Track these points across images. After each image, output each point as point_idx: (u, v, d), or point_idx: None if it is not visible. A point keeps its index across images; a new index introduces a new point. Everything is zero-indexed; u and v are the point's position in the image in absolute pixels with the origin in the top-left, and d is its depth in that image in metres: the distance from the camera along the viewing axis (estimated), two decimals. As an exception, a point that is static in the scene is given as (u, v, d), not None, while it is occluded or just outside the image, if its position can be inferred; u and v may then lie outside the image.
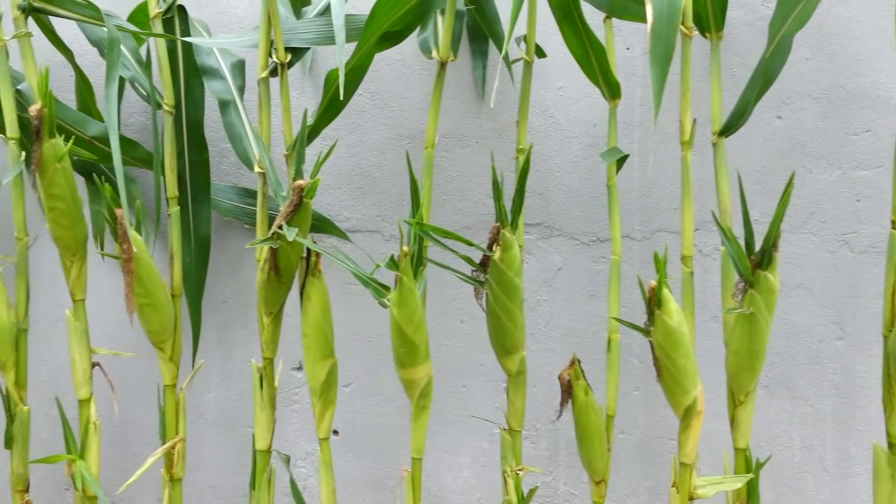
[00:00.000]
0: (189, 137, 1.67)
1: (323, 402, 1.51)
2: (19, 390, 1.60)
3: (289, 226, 1.35)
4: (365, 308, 1.80)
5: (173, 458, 1.64)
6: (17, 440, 1.61)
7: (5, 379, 1.59)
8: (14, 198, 1.59)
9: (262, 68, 1.49)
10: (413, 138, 1.80)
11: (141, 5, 1.75)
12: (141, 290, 1.51)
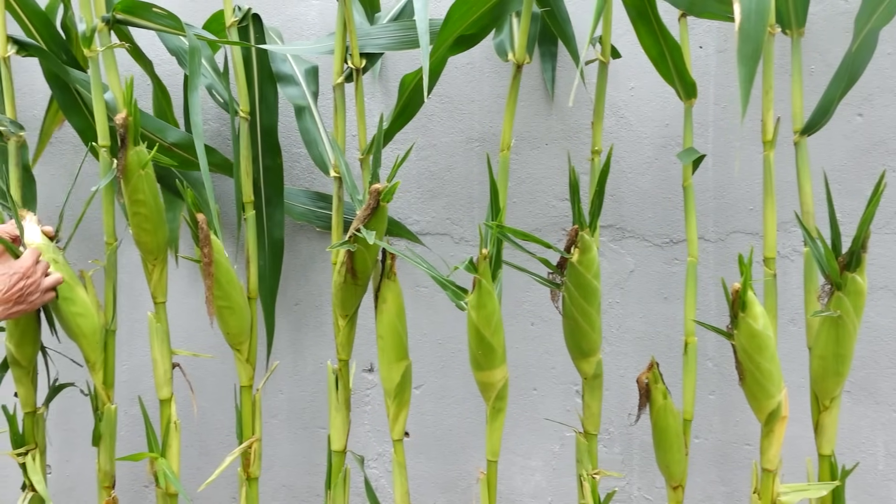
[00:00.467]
0: (263, 143, 1.70)
1: (397, 404, 1.52)
2: (107, 390, 1.65)
3: (366, 229, 1.36)
4: (434, 310, 1.81)
5: (250, 457, 1.67)
6: (105, 438, 1.66)
7: (94, 379, 1.64)
8: (105, 204, 1.63)
9: (337, 74, 1.51)
10: (483, 141, 1.81)
11: (215, 14, 1.78)
12: (220, 293, 1.54)
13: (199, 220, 1.49)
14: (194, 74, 1.50)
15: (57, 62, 1.77)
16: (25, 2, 1.79)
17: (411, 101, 1.50)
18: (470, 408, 1.81)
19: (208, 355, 1.69)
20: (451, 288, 1.33)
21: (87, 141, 1.87)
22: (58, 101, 1.85)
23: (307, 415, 1.89)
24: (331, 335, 1.88)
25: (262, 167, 1.71)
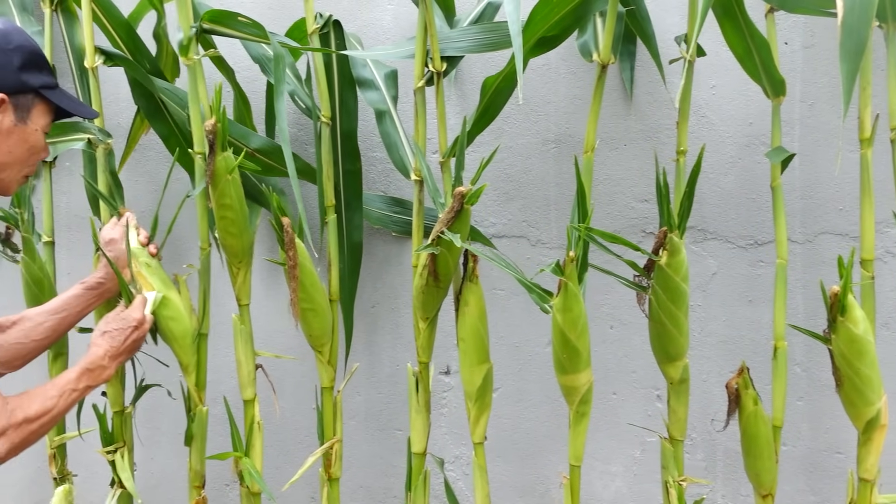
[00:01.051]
0: (343, 147, 1.72)
1: (478, 407, 1.52)
2: (199, 392, 1.68)
3: (450, 231, 1.36)
4: (510, 313, 1.80)
5: (331, 458, 1.69)
6: (196, 438, 1.69)
7: (187, 381, 1.67)
8: (199, 209, 1.67)
9: (418, 78, 1.52)
10: (559, 143, 1.79)
11: (297, 23, 1.81)
12: (304, 296, 1.56)
13: (285, 223, 1.51)
14: (279, 81, 1.53)
15: (141, 71, 1.82)
16: (111, 12, 1.85)
17: (492, 104, 1.49)
18: (547, 411, 1.79)
19: (290, 357, 1.72)
20: (536, 291, 1.33)
21: (171, 147, 1.92)
22: (142, 109, 1.91)
23: (384, 417, 1.90)
24: (407, 337, 1.89)
25: (342, 171, 1.73)
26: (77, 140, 1.83)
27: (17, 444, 1.19)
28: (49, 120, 1.33)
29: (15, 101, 1.24)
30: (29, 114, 1.27)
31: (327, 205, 1.68)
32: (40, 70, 1.29)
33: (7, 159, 1.26)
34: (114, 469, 1.79)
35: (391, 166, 1.90)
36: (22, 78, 1.24)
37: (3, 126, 1.23)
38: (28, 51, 1.26)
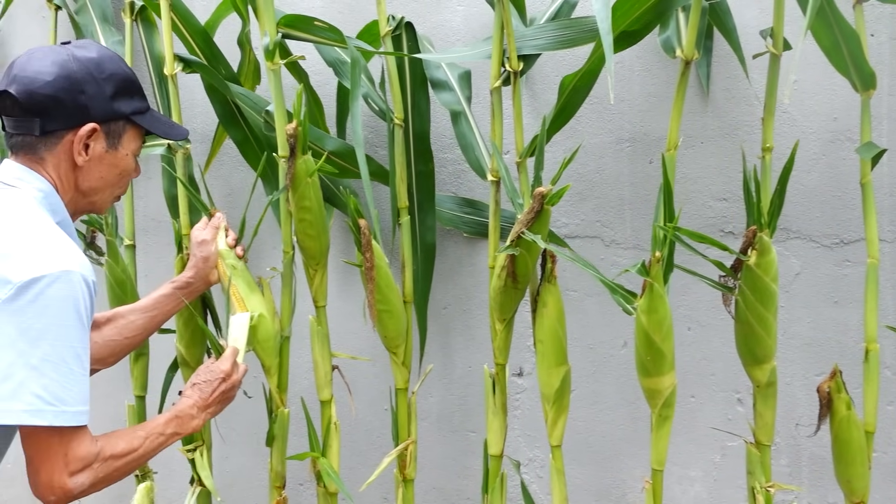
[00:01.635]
0: (415, 149, 1.72)
1: (556, 409, 1.50)
2: (281, 394, 1.70)
3: (530, 232, 1.35)
4: (584, 314, 1.78)
5: (406, 459, 1.69)
6: (278, 440, 1.71)
7: (269, 383, 1.69)
8: (282, 213, 1.68)
9: (494, 77, 1.51)
10: (633, 141, 1.77)
11: (368, 25, 1.83)
12: (379, 297, 1.57)
13: (362, 225, 1.52)
14: (355, 85, 1.54)
15: (218, 77, 1.86)
16: (188, 20, 1.89)
17: (570, 102, 1.48)
18: (623, 414, 1.77)
19: (366, 358, 1.73)
20: (620, 292, 1.31)
21: (245, 152, 1.96)
22: (217, 115, 1.95)
23: (457, 418, 1.90)
24: (479, 339, 1.88)
25: (415, 173, 1.73)
26: (158, 146, 1.88)
27: (100, 478, 1.20)
28: (139, 144, 1.35)
29: (106, 129, 1.26)
30: (120, 140, 1.29)
31: (401, 206, 1.68)
32: (132, 96, 1.30)
33: (99, 184, 1.29)
34: (193, 467, 1.82)
35: (462, 167, 1.90)
36: (114, 106, 1.26)
37: (94, 153, 1.26)
38: (120, 78, 1.28)
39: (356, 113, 1.50)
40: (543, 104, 1.83)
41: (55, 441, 1.14)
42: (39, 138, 1.23)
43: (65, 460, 1.15)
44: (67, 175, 1.25)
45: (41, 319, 1.10)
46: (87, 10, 2.07)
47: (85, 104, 1.23)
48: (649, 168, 1.75)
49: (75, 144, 1.23)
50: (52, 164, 1.24)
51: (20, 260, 1.11)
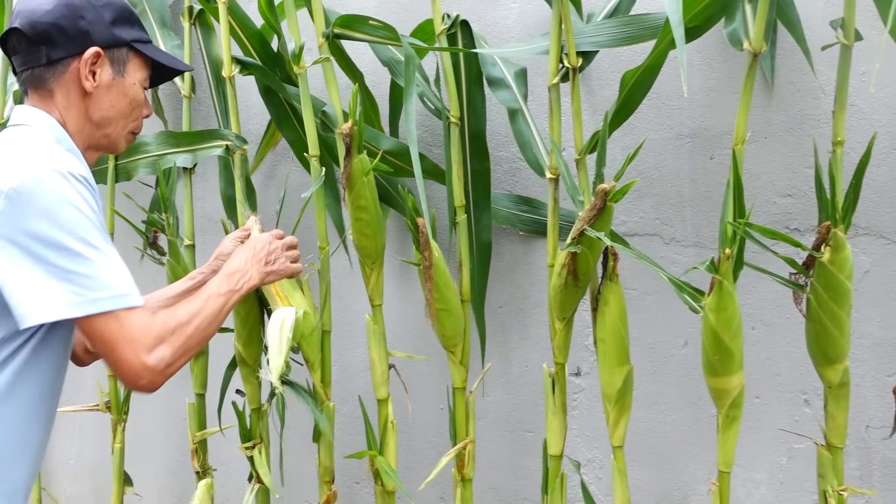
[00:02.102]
0: (471, 147, 1.71)
1: (618, 410, 1.48)
2: (325, 388, 1.72)
3: (592, 229, 1.33)
4: (644, 313, 1.75)
5: (464, 458, 1.68)
6: (324, 434, 1.73)
7: (312, 377, 1.72)
8: (317, 210, 1.72)
9: (552, 74, 1.49)
10: (693, 137, 1.73)
11: (421, 24, 1.82)
12: (438, 296, 1.57)
13: (420, 224, 1.52)
14: (409, 83, 1.54)
15: (273, 78, 1.88)
16: (245, 23, 1.91)
17: (631, 98, 1.46)
18: (684, 415, 1.73)
19: (422, 357, 1.72)
20: (687, 290, 1.28)
21: (298, 152, 1.97)
22: (271, 115, 1.97)
23: (514, 418, 1.89)
24: (536, 338, 1.87)
25: (470, 171, 1.72)
26: (215, 147, 1.91)
27: (178, 348, 1.20)
28: (146, 75, 1.36)
29: (111, 55, 1.29)
30: (125, 67, 1.31)
31: (457, 205, 1.68)
32: (131, 25, 1.33)
33: (110, 114, 1.30)
34: (252, 464, 1.84)
35: (517, 165, 1.88)
36: (114, 32, 1.29)
37: (102, 80, 1.28)
38: (117, 7, 1.31)
39: (410, 111, 1.50)
40: (600, 100, 1.81)
41: (114, 327, 1.14)
42: (47, 68, 1.26)
43: (133, 340, 1.15)
44: (78, 105, 1.27)
45: (43, 219, 1.11)
46: (147, 15, 2.11)
47: (86, 29, 1.26)
48: (710, 164, 1.72)
49: (82, 70, 1.26)
50: (61, 95, 1.27)
51: (7, 170, 1.13)
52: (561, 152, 1.51)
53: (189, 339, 1.23)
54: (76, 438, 2.43)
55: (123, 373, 1.17)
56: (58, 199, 1.12)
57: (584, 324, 1.78)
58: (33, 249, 1.11)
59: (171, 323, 1.21)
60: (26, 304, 1.11)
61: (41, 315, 1.11)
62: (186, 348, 1.22)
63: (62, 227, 1.12)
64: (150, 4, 2.14)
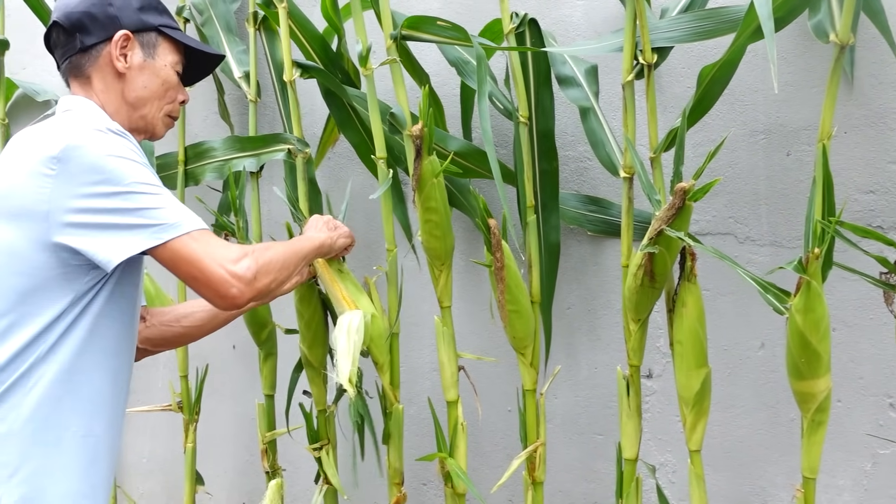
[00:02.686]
0: (539, 147, 1.69)
1: (695, 413, 1.45)
2: (394, 390, 1.72)
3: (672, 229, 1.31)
4: (718, 314, 1.71)
5: (535, 461, 1.67)
6: (394, 436, 1.73)
7: (381, 379, 1.72)
8: (384, 212, 1.72)
9: (626, 71, 1.47)
10: (768, 133, 1.69)
11: (489, 24, 1.81)
12: (509, 298, 1.56)
13: (492, 225, 1.51)
14: (482, 82, 1.53)
15: (335, 82, 1.89)
16: (306, 27, 1.93)
17: (707, 94, 1.43)
18: (762, 419, 1.69)
19: (492, 359, 1.71)
20: (772, 290, 1.24)
21: (361, 154, 1.98)
22: (334, 118, 1.98)
23: (583, 420, 1.86)
24: (605, 339, 1.84)
25: (539, 171, 1.70)
26: (278, 151, 1.93)
27: (263, 264, 1.25)
28: (177, 58, 1.43)
29: (140, 39, 1.37)
30: (155, 50, 1.39)
31: (528, 205, 1.66)
32: (160, 13, 1.42)
33: (144, 94, 1.37)
34: (320, 465, 1.86)
35: (585, 164, 1.86)
36: (142, 17, 1.38)
37: (134, 62, 1.36)
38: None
39: (484, 111, 1.49)
40: (669, 97, 1.77)
41: (194, 246, 1.19)
42: (82, 55, 1.34)
43: (216, 253, 1.20)
44: (114, 87, 1.35)
45: (97, 172, 1.17)
46: (213, 22, 2.15)
47: (115, 14, 1.35)
48: (787, 161, 1.67)
49: (113, 52, 1.34)
50: (97, 79, 1.35)
51: (53, 139, 1.20)
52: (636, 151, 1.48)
53: (271, 262, 1.28)
54: (148, 437, 2.48)
55: (213, 285, 1.20)
56: (105, 152, 1.19)
57: (656, 325, 1.75)
58: (96, 202, 1.17)
59: (253, 246, 1.29)
60: (105, 248, 1.17)
61: (122, 252, 1.17)
62: (270, 268, 1.27)
63: (116, 174, 1.18)
64: (216, 11, 2.18)
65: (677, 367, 1.44)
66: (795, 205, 1.66)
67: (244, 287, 1.21)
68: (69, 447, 1.21)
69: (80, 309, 1.21)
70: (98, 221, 1.17)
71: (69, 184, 1.17)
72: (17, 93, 2.65)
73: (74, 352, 1.21)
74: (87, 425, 1.23)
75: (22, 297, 1.19)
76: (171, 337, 1.56)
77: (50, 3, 2.25)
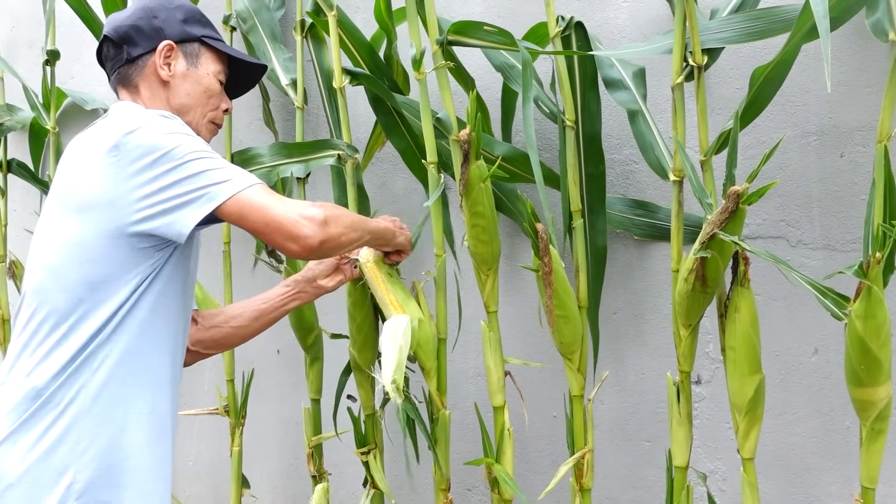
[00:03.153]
0: (585, 150, 1.68)
1: (748, 420, 1.42)
2: (441, 396, 1.72)
3: (725, 233, 1.29)
4: (769, 319, 1.68)
5: (583, 468, 1.65)
6: (440, 442, 1.73)
7: (429, 385, 1.72)
8: (434, 218, 1.72)
9: (676, 73, 1.45)
10: (821, 135, 1.65)
11: (533, 28, 1.81)
12: (556, 303, 1.55)
13: (539, 230, 1.50)
14: (527, 87, 1.52)
15: (383, 88, 1.90)
16: (354, 35, 1.94)
17: (760, 95, 1.40)
18: (815, 426, 1.65)
19: (538, 364, 1.70)
20: (830, 295, 1.22)
21: (408, 159, 1.98)
22: (381, 124, 1.99)
23: (631, 426, 1.84)
24: (652, 344, 1.82)
25: (585, 175, 1.69)
26: (328, 157, 1.94)
27: (330, 215, 1.29)
28: (220, 68, 1.49)
29: (183, 49, 1.44)
30: (198, 59, 1.46)
31: (574, 210, 1.65)
32: (203, 25, 1.48)
33: (187, 101, 1.44)
34: (367, 469, 1.86)
35: (630, 168, 1.84)
36: (185, 29, 1.45)
37: (177, 71, 1.43)
38: (189, 7, 1.48)
39: (529, 115, 1.49)
40: (717, 99, 1.75)
41: (260, 197, 1.23)
42: (129, 65, 1.42)
43: (284, 200, 1.25)
44: (159, 94, 1.42)
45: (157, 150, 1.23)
46: (258, 30, 2.17)
47: (160, 27, 1.43)
48: (840, 162, 1.64)
49: (157, 61, 1.41)
50: (144, 87, 1.42)
51: (113, 128, 1.27)
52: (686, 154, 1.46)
53: (341, 216, 1.34)
54: (195, 441, 2.52)
55: (285, 227, 1.23)
56: (158, 131, 1.26)
57: (704, 330, 1.72)
58: (158, 181, 1.22)
59: (326, 204, 1.32)
60: (176, 222, 1.23)
61: (192, 219, 1.22)
62: (340, 220, 1.32)
63: (172, 148, 1.23)
64: (260, 19, 2.20)
65: (730, 374, 1.41)
66: (850, 207, 1.62)
67: (316, 228, 1.24)
68: (136, 424, 1.27)
69: (143, 290, 1.27)
70: (163, 198, 1.22)
71: (130, 168, 1.23)
72: (66, 102, 2.71)
73: (136, 332, 1.27)
74: (152, 403, 1.29)
75: (94, 286, 1.25)
76: (221, 338, 1.60)
77: (100, 14, 2.31)
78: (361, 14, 2.13)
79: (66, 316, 1.25)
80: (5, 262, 2.46)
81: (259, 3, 2.19)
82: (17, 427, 1.23)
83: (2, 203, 2.53)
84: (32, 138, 2.73)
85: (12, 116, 2.61)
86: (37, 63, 2.64)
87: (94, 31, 2.24)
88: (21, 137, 2.76)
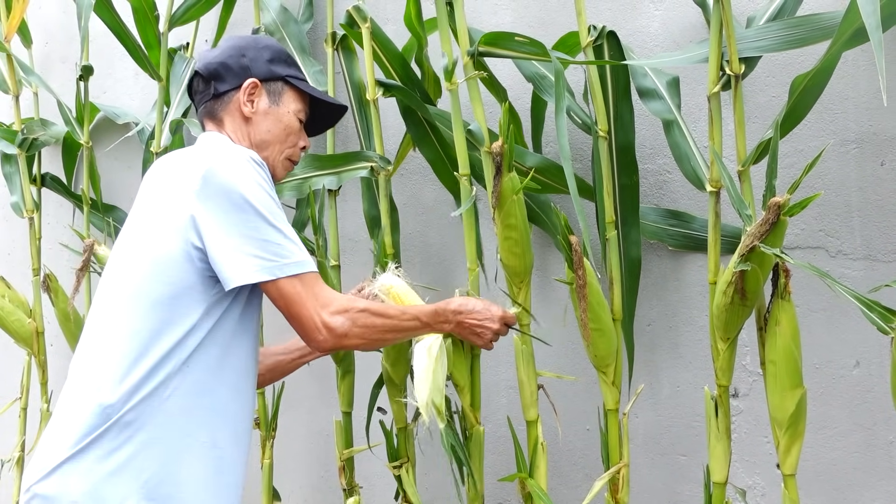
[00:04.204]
0: (619, 161, 1.66)
1: (790, 436, 1.39)
2: (474, 412, 1.70)
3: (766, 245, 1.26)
4: (808, 331, 1.64)
5: (618, 483, 1.63)
6: (474, 458, 1.70)
7: (461, 401, 1.70)
8: (466, 230, 1.70)
9: (713, 82, 1.43)
10: (860, 143, 1.62)
11: (563, 37, 1.80)
12: (591, 316, 1.53)
13: (573, 242, 1.49)
14: (560, 97, 1.51)
15: (415, 99, 1.89)
16: (387, 47, 1.94)
17: (800, 104, 1.38)
18: (857, 441, 1.61)
19: (572, 377, 1.68)
20: (877, 309, 1.19)
21: (437, 170, 1.98)
22: (411, 135, 1.98)
23: (665, 440, 1.81)
24: (687, 357, 1.79)
25: (618, 186, 1.67)
26: (360, 169, 1.94)
27: (358, 326, 1.35)
28: (301, 106, 1.53)
29: (267, 87, 1.49)
30: (280, 98, 1.50)
31: (608, 221, 1.63)
32: (288, 65, 1.53)
33: (267, 137, 1.48)
34: (399, 483, 1.85)
35: (664, 178, 1.82)
36: (271, 68, 1.50)
37: (259, 108, 1.48)
38: (275, 49, 1.54)
39: (562, 126, 1.47)
40: (753, 107, 1.72)
41: (299, 288, 1.30)
42: (216, 101, 1.47)
43: (316, 299, 1.32)
44: (242, 129, 1.47)
45: (236, 195, 1.28)
46: (286, 42, 2.18)
47: (247, 65, 1.48)
48: (881, 171, 1.60)
49: (241, 97, 1.46)
50: (228, 121, 1.47)
51: (201, 158, 1.33)
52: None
53: (372, 330, 1.38)
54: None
55: (306, 327, 1.33)
56: (247, 179, 1.30)
57: (741, 342, 1.69)
58: (230, 222, 1.27)
59: (360, 305, 1.37)
60: (228, 267, 1.27)
61: (240, 278, 1.27)
62: (365, 334, 1.37)
63: (252, 202, 1.28)
64: (288, 32, 2.21)
65: (770, 388, 1.38)
66: (891, 216, 1.59)
67: (331, 339, 1.33)
68: (196, 456, 1.29)
69: (212, 324, 1.30)
70: (228, 238, 1.27)
71: (210, 199, 1.28)
72: (99, 116, 2.74)
73: (210, 367, 1.30)
74: (212, 437, 1.31)
75: (164, 306, 1.28)
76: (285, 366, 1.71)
77: (133, 29, 2.33)
78: (391, 25, 2.13)
79: (143, 334, 1.27)
80: (39, 275, 2.48)
81: (287, 16, 2.21)
82: (86, 445, 1.24)
83: (36, 217, 2.55)
84: (66, 153, 2.76)
85: (46, 131, 2.64)
86: (70, 78, 2.68)
87: (127, 46, 2.26)
88: (55, 152, 2.79)
